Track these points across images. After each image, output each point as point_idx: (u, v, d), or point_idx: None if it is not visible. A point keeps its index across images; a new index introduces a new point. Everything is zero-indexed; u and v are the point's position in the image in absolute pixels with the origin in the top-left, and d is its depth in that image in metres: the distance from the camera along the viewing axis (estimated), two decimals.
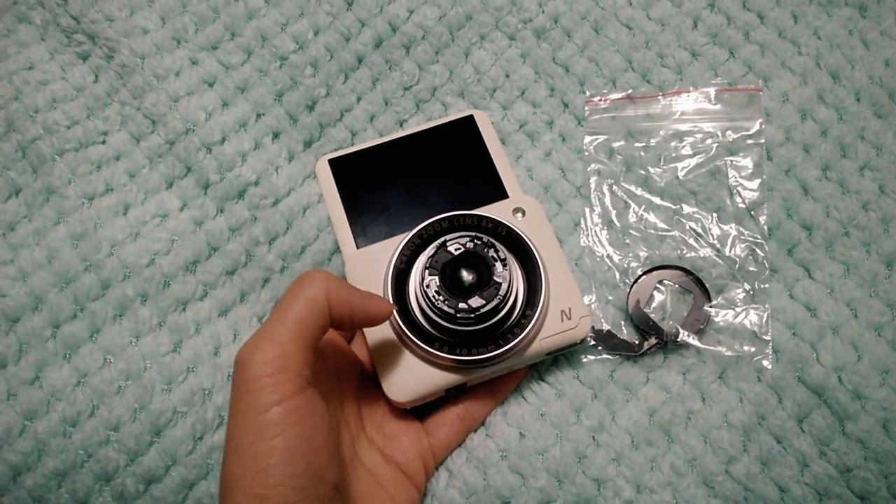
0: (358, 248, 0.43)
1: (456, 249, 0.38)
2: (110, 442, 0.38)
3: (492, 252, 0.38)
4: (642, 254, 0.45)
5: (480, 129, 0.47)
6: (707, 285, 0.44)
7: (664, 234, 0.46)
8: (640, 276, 0.44)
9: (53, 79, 0.45)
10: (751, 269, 0.44)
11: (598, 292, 0.45)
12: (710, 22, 0.50)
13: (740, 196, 0.45)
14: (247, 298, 0.44)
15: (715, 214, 0.45)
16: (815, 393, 0.41)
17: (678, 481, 0.40)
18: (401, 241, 0.40)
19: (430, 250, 0.39)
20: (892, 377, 0.40)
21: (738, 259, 0.44)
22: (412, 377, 0.38)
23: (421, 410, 0.40)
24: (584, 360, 0.43)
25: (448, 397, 0.40)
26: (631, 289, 0.44)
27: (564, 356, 0.43)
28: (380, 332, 0.39)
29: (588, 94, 0.49)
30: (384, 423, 0.39)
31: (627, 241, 0.46)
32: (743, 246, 0.44)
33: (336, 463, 0.31)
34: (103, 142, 0.45)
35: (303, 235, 0.45)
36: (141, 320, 0.41)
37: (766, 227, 0.45)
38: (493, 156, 0.46)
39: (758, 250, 0.44)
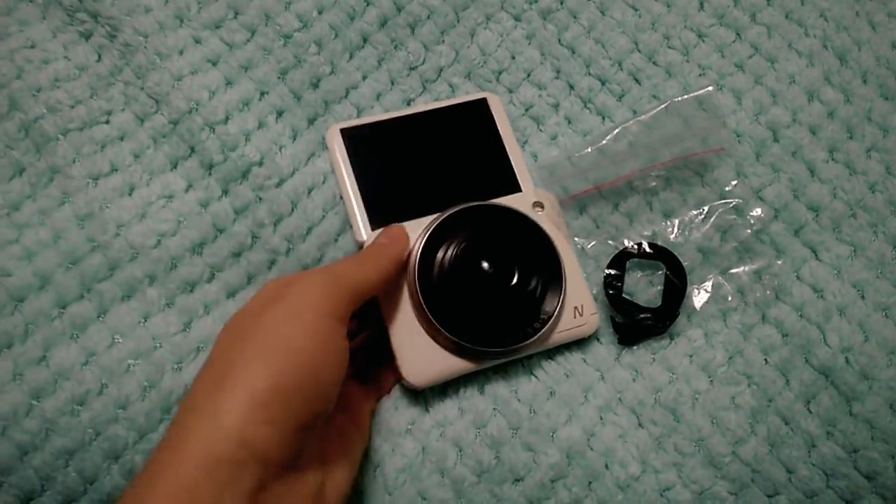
0: (373, 229, 0.42)
1: (485, 243, 0.40)
2: (119, 420, 0.38)
3: (519, 248, 0.40)
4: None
5: (493, 113, 0.46)
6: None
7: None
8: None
9: (56, 58, 0.45)
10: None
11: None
12: (716, 3, 0.50)
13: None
14: (254, 281, 0.43)
15: None
16: (823, 374, 0.41)
17: (684, 461, 0.40)
18: (428, 226, 0.40)
19: (461, 241, 0.40)
20: None
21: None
22: (431, 362, 0.39)
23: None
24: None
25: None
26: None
27: None
28: (400, 316, 0.39)
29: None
30: None
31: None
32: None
33: (334, 394, 0.32)
34: (107, 121, 0.44)
35: (308, 216, 0.44)
36: (149, 301, 0.40)
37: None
38: (505, 143, 0.46)
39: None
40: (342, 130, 0.45)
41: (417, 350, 0.39)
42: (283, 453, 0.29)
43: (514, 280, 0.39)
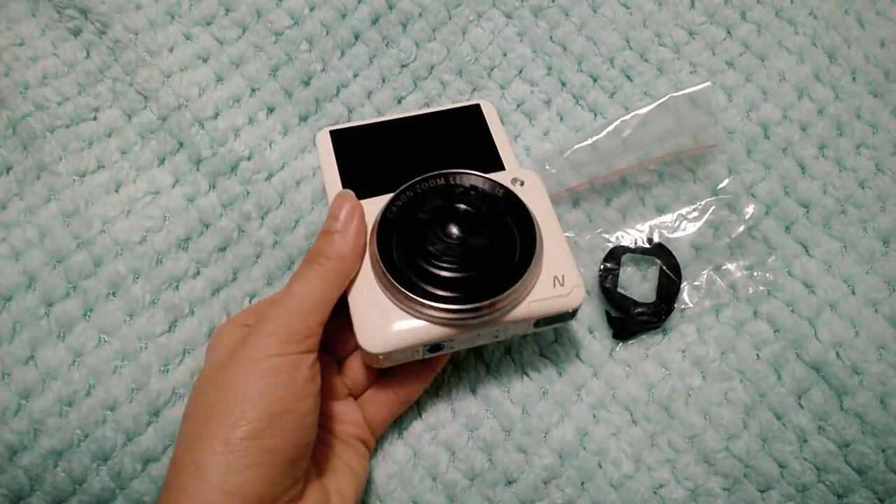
0: None
1: (450, 205, 0.37)
2: (107, 421, 0.37)
3: (487, 208, 0.37)
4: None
5: (486, 119, 0.45)
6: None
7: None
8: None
9: (44, 55, 0.44)
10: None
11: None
12: (706, 1, 0.50)
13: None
14: (238, 276, 0.43)
15: None
16: (814, 369, 0.41)
17: (677, 458, 0.40)
18: (394, 193, 0.38)
19: (423, 201, 0.38)
20: (890, 352, 0.40)
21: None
22: (391, 327, 0.35)
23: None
24: (585, 338, 0.43)
25: (419, 364, 0.39)
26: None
27: (564, 333, 0.43)
28: (360, 281, 0.36)
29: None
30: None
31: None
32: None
33: (312, 422, 0.33)
34: (95, 118, 0.44)
35: (296, 208, 0.44)
36: (134, 298, 0.40)
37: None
38: (496, 141, 0.44)
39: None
40: (332, 133, 0.44)
41: (377, 315, 0.35)
42: (274, 490, 0.30)
43: (479, 240, 0.36)
